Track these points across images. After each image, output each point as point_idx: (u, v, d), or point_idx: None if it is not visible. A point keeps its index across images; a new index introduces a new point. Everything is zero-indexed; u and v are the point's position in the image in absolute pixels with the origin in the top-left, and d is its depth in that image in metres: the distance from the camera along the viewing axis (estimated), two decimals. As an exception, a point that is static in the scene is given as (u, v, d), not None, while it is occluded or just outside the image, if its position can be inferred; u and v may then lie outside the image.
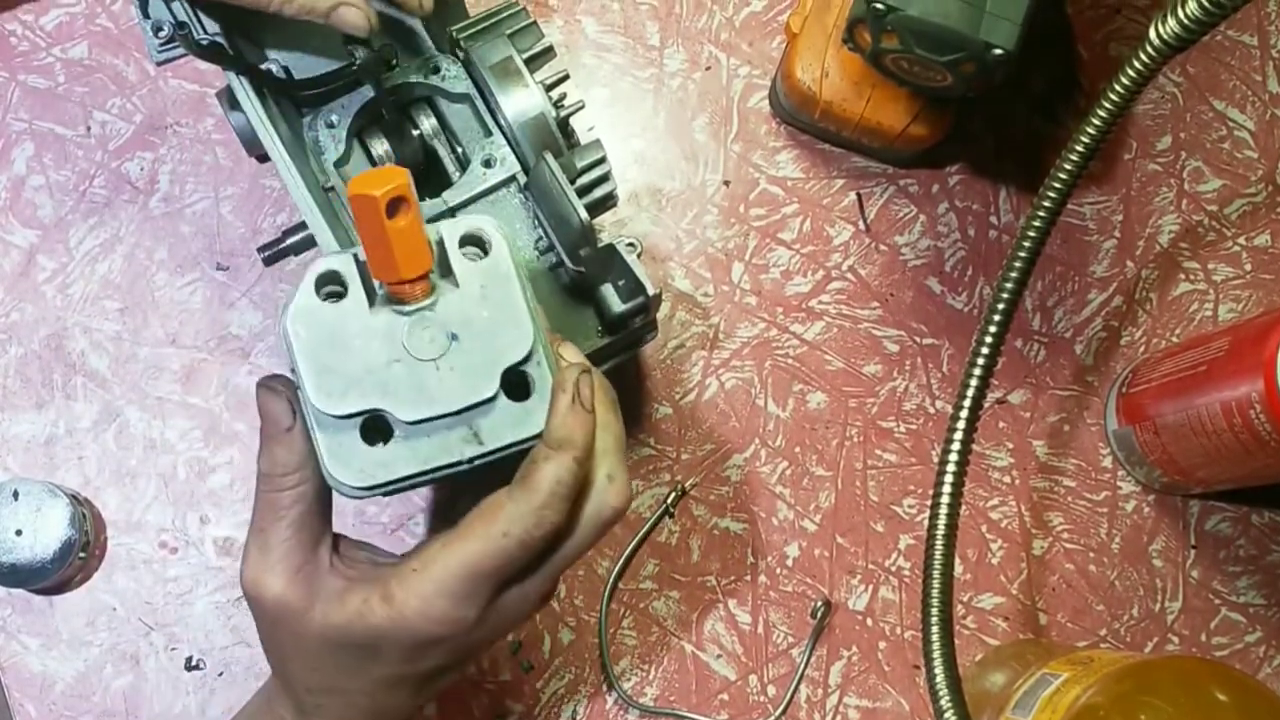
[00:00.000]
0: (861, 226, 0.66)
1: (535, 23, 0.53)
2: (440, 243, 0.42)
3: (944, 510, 0.51)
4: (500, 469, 0.43)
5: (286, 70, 0.52)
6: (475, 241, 0.43)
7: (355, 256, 0.42)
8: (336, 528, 0.46)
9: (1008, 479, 0.64)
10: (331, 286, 0.42)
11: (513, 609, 0.44)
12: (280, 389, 0.44)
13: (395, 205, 0.40)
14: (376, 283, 0.42)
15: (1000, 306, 0.50)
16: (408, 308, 0.42)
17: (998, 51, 0.52)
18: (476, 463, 0.42)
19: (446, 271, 0.42)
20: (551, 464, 0.41)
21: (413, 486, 0.43)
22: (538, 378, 0.42)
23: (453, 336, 0.41)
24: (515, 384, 0.42)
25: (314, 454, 0.42)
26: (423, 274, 0.41)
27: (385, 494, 0.43)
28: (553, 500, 0.41)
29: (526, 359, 0.42)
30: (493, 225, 0.43)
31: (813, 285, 0.65)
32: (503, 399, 0.42)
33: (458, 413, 0.41)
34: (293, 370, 0.42)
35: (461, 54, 0.53)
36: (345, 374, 0.41)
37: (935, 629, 0.50)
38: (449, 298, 0.42)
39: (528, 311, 0.42)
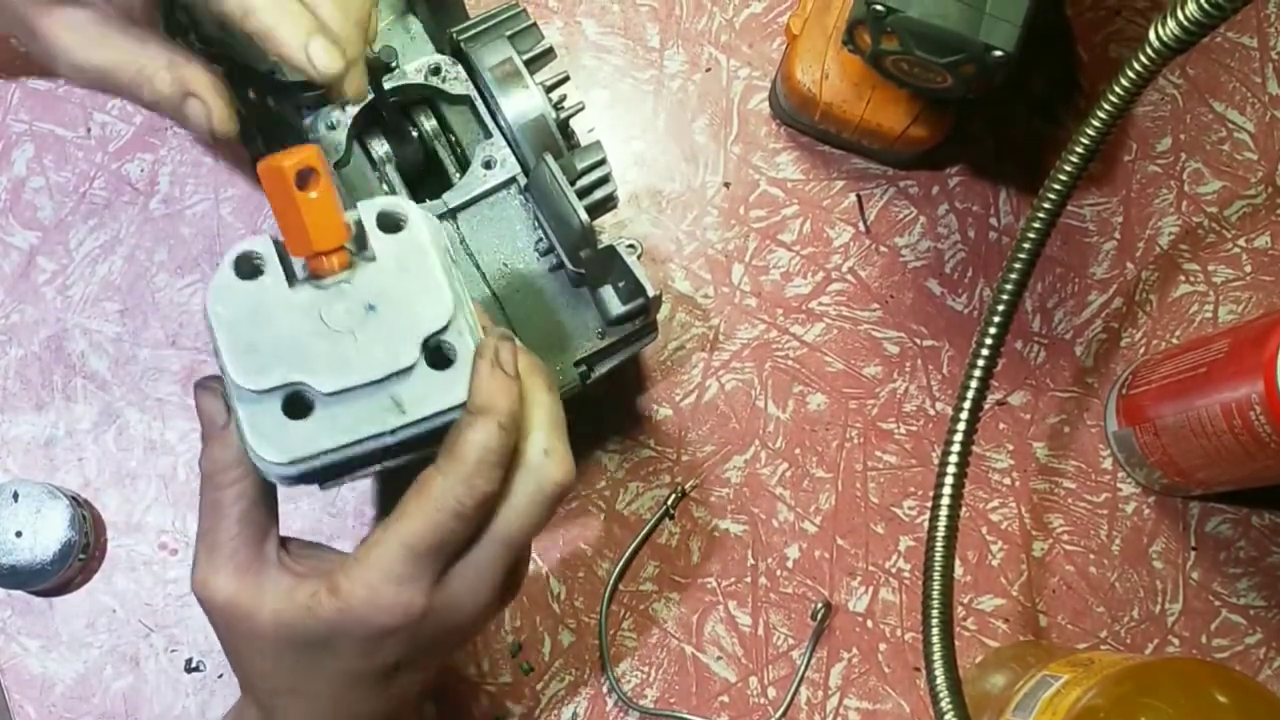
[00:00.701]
0: (861, 228, 0.66)
1: (535, 24, 0.53)
2: (359, 223, 0.43)
3: (944, 512, 0.51)
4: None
5: (286, 72, 0.52)
6: (392, 220, 0.43)
7: (273, 237, 0.43)
8: (301, 529, 0.46)
9: (1008, 480, 0.64)
10: (252, 265, 0.42)
11: (464, 591, 0.43)
12: (215, 387, 0.44)
13: (304, 177, 0.40)
14: (299, 264, 0.42)
15: (1000, 308, 0.50)
16: (325, 282, 0.42)
17: (998, 53, 0.52)
18: (401, 434, 0.42)
19: (365, 248, 0.43)
20: (474, 430, 0.41)
21: (344, 469, 0.43)
22: (460, 348, 0.42)
23: (370, 308, 0.42)
24: (438, 354, 0.42)
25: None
26: (337, 246, 0.41)
27: (319, 480, 0.43)
28: (480, 467, 0.41)
29: (446, 328, 0.42)
30: (408, 204, 0.43)
31: (813, 287, 0.65)
32: (424, 368, 0.42)
33: (377, 381, 0.41)
34: (216, 353, 0.42)
35: (462, 55, 0.53)
36: (264, 349, 0.41)
37: (935, 631, 0.50)
38: (366, 271, 0.42)
39: (446, 282, 0.42)
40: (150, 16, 0.46)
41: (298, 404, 0.41)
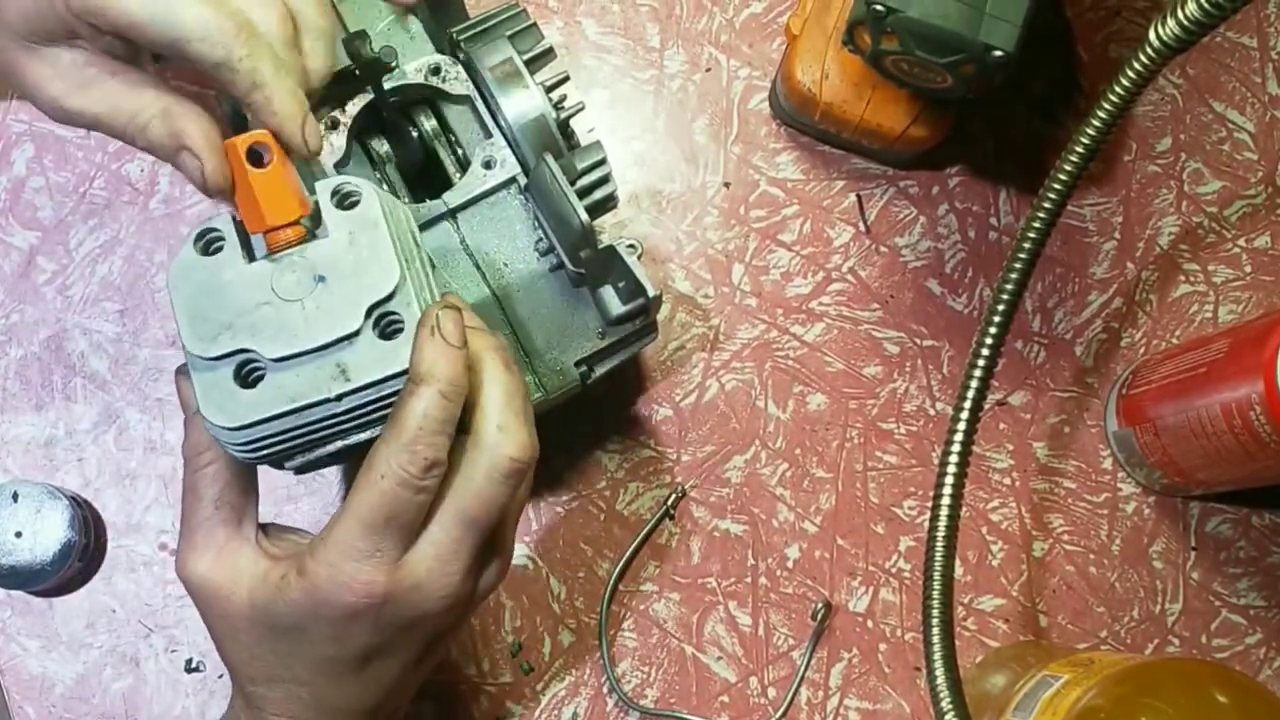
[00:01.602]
0: (862, 228, 0.66)
1: (535, 24, 0.53)
2: (315, 203, 0.44)
3: (944, 512, 0.51)
4: None
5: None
6: (347, 196, 0.44)
7: (233, 215, 0.44)
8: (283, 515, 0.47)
9: (1008, 481, 0.64)
10: (213, 242, 0.44)
11: (426, 570, 0.43)
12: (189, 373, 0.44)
13: (257, 154, 0.42)
14: (260, 243, 0.43)
15: (1000, 308, 0.50)
16: (279, 256, 0.43)
17: (998, 53, 0.52)
18: (346, 401, 0.42)
19: (321, 225, 0.44)
20: (414, 398, 0.41)
21: (299, 442, 0.43)
22: (409, 319, 0.43)
23: (320, 278, 0.43)
24: (388, 327, 0.43)
25: None
26: (290, 221, 0.43)
27: (278, 455, 0.44)
28: (421, 434, 0.41)
29: (392, 297, 0.42)
30: (364, 181, 0.44)
31: (813, 287, 0.65)
32: (371, 337, 0.42)
33: (322, 348, 0.42)
34: (176, 325, 0.43)
35: (462, 55, 0.53)
36: (217, 319, 0.42)
37: (936, 631, 0.50)
38: (318, 244, 0.43)
39: (395, 254, 0.43)
40: (135, 51, 0.45)
41: (248, 374, 0.43)
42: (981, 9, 0.52)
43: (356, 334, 0.42)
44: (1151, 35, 0.46)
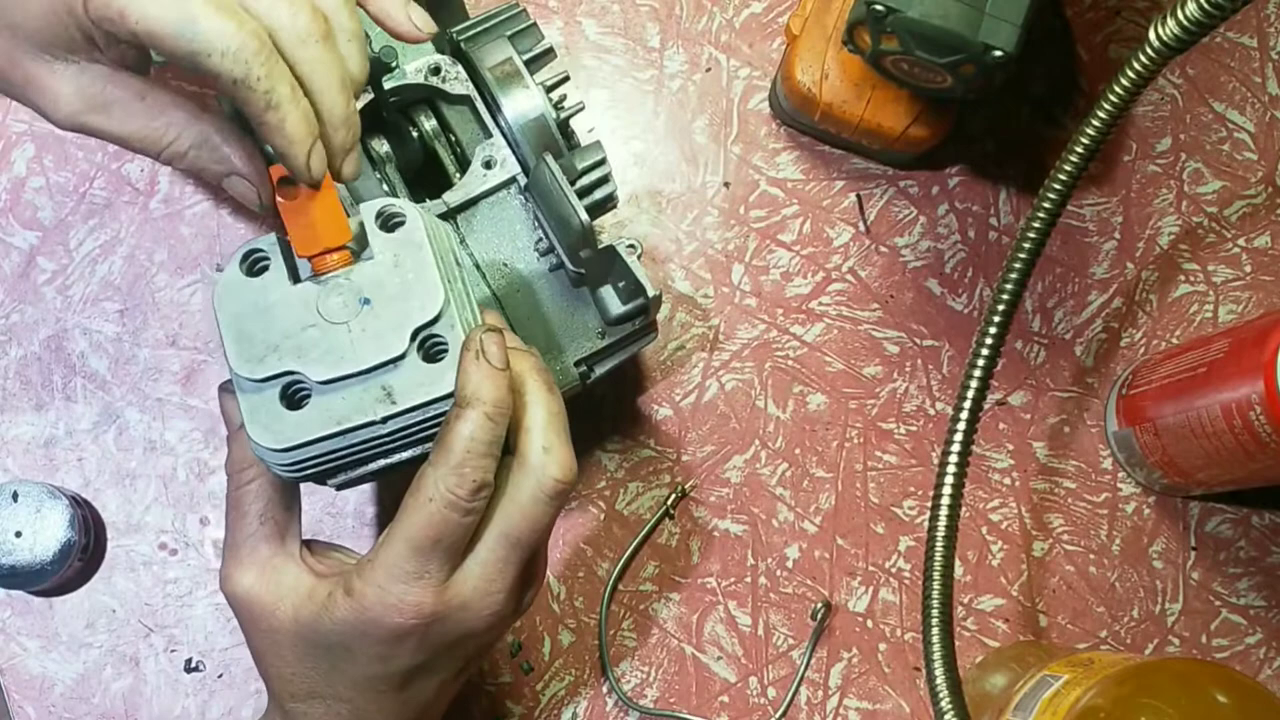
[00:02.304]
0: (861, 228, 0.66)
1: (535, 24, 0.53)
2: (360, 225, 0.44)
3: (944, 512, 0.51)
4: None
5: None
6: (391, 218, 0.44)
7: (279, 236, 0.44)
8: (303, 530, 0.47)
9: (1008, 480, 0.64)
10: (258, 262, 0.44)
11: (474, 591, 0.44)
12: (234, 390, 0.44)
13: (288, 181, 0.42)
14: (305, 265, 0.44)
15: (1000, 308, 0.50)
16: (325, 278, 0.43)
17: (997, 53, 0.52)
18: (391, 423, 0.43)
19: (365, 249, 0.44)
20: (461, 421, 0.42)
21: (343, 463, 0.44)
22: (453, 342, 0.43)
23: (365, 301, 0.43)
24: (432, 349, 0.43)
25: None
26: (335, 247, 0.43)
27: (321, 474, 0.44)
28: (469, 457, 0.42)
29: (437, 320, 0.43)
30: (408, 204, 0.45)
31: (813, 287, 0.65)
32: (416, 360, 0.43)
33: (368, 371, 0.42)
34: (222, 346, 0.43)
35: (462, 55, 0.53)
36: (264, 340, 0.43)
37: (935, 631, 0.50)
38: (363, 267, 0.43)
39: (439, 276, 0.43)
40: (146, 59, 0.43)
41: (295, 394, 0.43)
42: (981, 9, 0.52)
43: (402, 357, 0.42)
44: (1151, 35, 0.46)
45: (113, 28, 0.39)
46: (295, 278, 0.43)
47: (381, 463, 0.44)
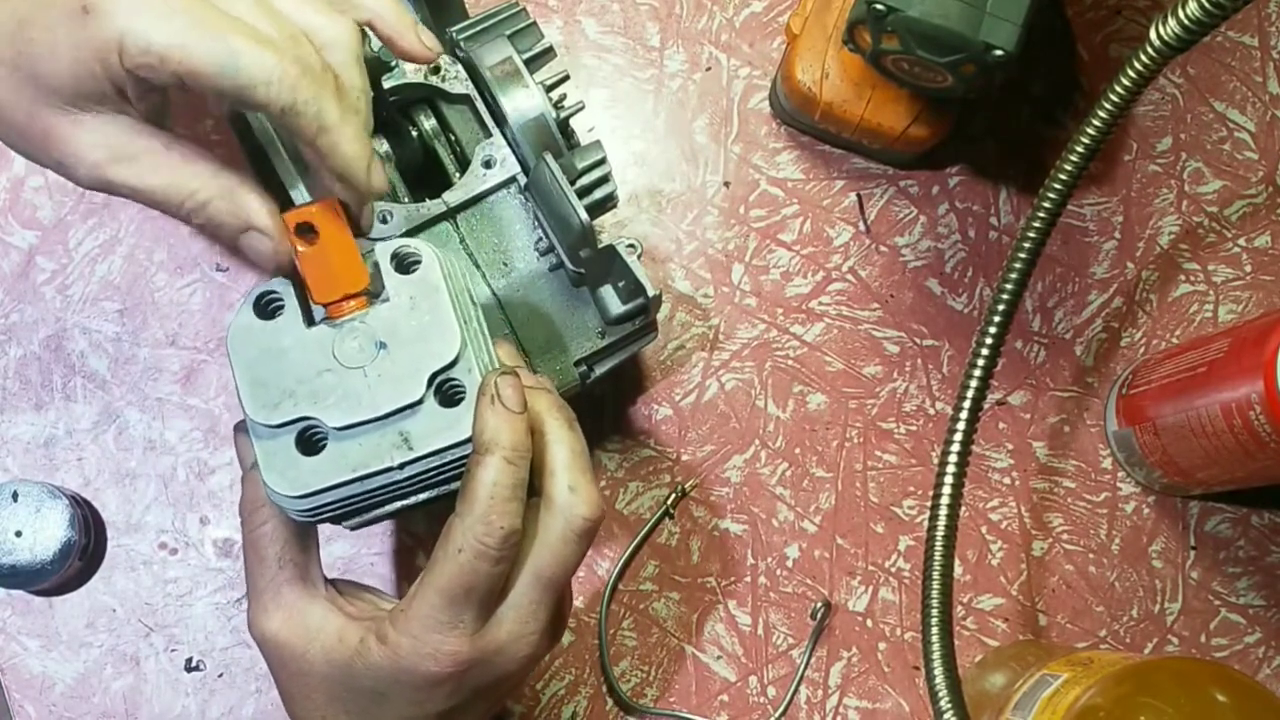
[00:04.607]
0: (862, 228, 0.66)
1: (535, 23, 0.53)
2: (375, 265, 0.43)
3: (944, 511, 0.51)
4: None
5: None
6: (407, 260, 0.44)
7: (291, 278, 0.43)
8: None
9: (1007, 480, 0.64)
10: (272, 304, 0.43)
11: (508, 635, 0.44)
12: (247, 429, 0.44)
13: (304, 229, 0.41)
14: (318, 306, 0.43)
15: (1000, 308, 0.50)
16: (340, 321, 0.43)
17: (998, 53, 0.52)
18: (409, 469, 0.42)
19: (380, 290, 0.44)
20: (482, 468, 0.42)
21: (360, 506, 0.43)
22: (469, 386, 0.43)
23: (381, 345, 0.42)
24: (449, 394, 0.43)
25: None
26: (351, 293, 0.42)
27: (337, 517, 0.44)
28: (494, 504, 0.41)
29: (454, 364, 0.42)
30: (428, 247, 0.44)
31: (813, 286, 0.65)
32: (433, 405, 0.42)
33: (385, 416, 0.42)
34: (236, 390, 0.43)
35: (461, 54, 0.53)
36: (279, 385, 0.42)
37: (935, 630, 0.50)
38: (379, 309, 0.43)
39: (456, 320, 0.43)
40: (165, 113, 0.42)
41: (310, 440, 0.42)
42: (982, 8, 0.52)
43: (419, 403, 0.42)
44: (1152, 35, 0.46)
45: (152, 74, 0.38)
46: (310, 319, 0.43)
47: (398, 505, 0.44)
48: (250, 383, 0.42)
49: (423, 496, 0.44)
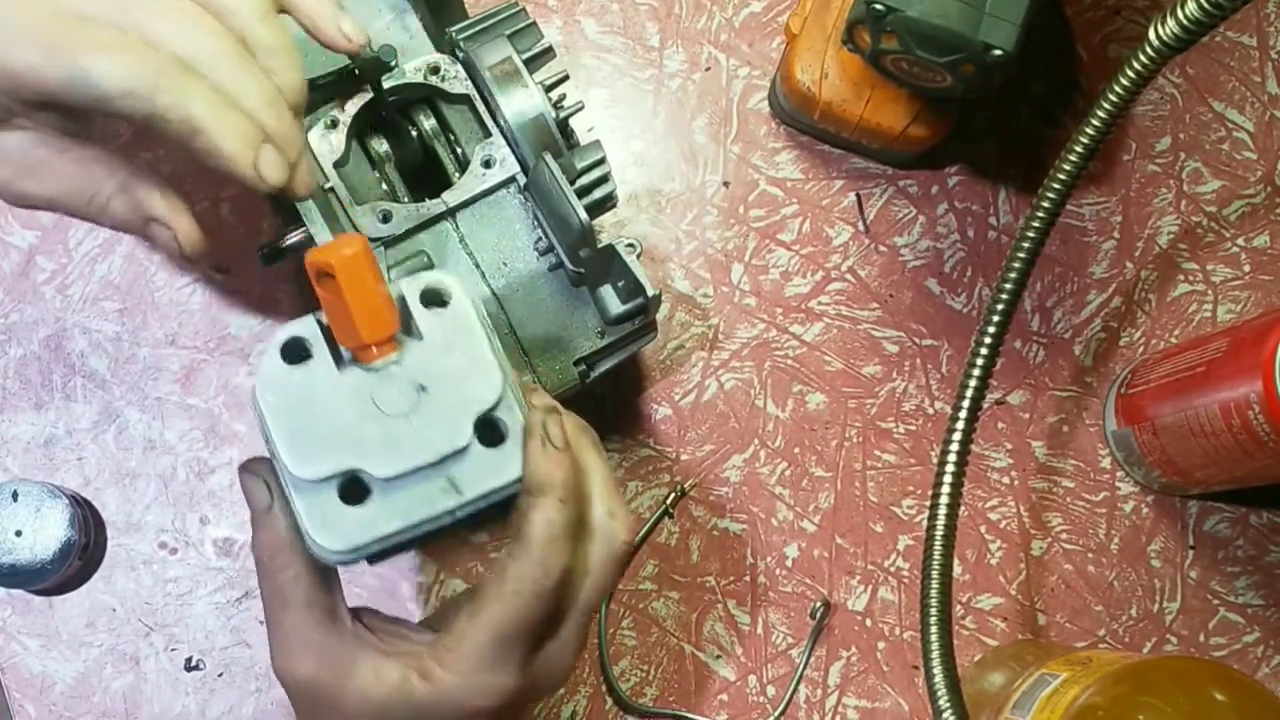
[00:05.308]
0: (861, 227, 0.66)
1: (535, 23, 0.53)
2: (401, 299, 0.42)
3: (943, 511, 0.51)
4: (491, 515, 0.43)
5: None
6: (435, 296, 0.43)
7: (318, 320, 0.42)
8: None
9: (1006, 480, 0.64)
10: (298, 350, 0.42)
11: (553, 662, 0.44)
12: (257, 470, 0.43)
13: (322, 277, 0.40)
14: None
15: (999, 307, 0.50)
16: (375, 365, 0.41)
17: (997, 52, 0.52)
18: (458, 514, 0.42)
19: (410, 327, 0.42)
20: (537, 510, 0.41)
21: (399, 548, 0.43)
22: (510, 422, 0.42)
23: (421, 389, 0.41)
24: (489, 430, 0.42)
25: (298, 532, 0.42)
26: (385, 338, 0.41)
27: (371, 558, 0.43)
28: (550, 545, 0.41)
29: (496, 404, 0.42)
30: (453, 279, 0.43)
31: (812, 286, 0.65)
32: (477, 446, 0.42)
33: (433, 464, 0.41)
34: (266, 440, 0.41)
35: (461, 54, 0.53)
36: (317, 436, 0.41)
37: (934, 629, 0.50)
38: (414, 351, 0.42)
39: (494, 357, 0.42)
40: (88, 124, 0.42)
41: (354, 489, 0.41)
42: (981, 8, 0.52)
43: (466, 447, 0.41)
44: (1151, 35, 0.46)
45: (16, 96, 0.38)
46: (339, 360, 0.41)
47: (430, 538, 0.43)
48: (288, 436, 0.40)
49: (455, 525, 0.43)
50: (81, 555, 0.61)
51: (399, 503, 0.41)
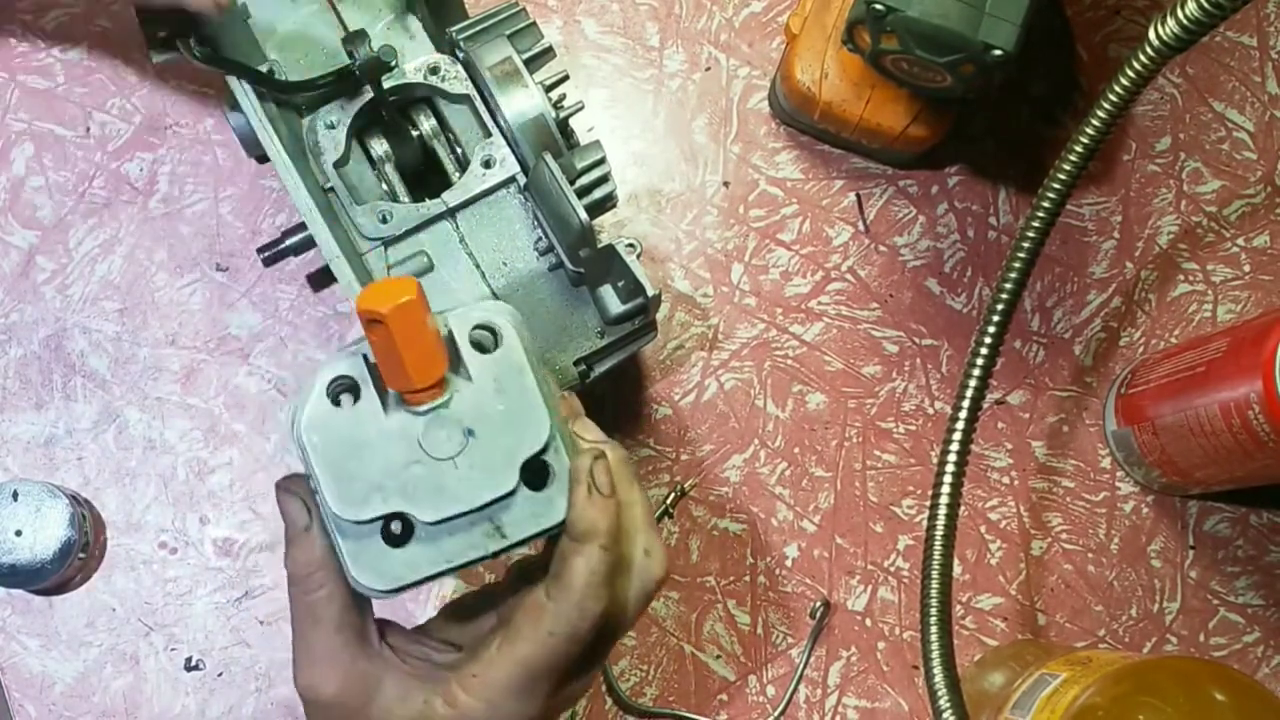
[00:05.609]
0: (861, 227, 0.66)
1: (535, 23, 0.53)
2: (450, 337, 0.42)
3: (943, 511, 0.51)
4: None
5: (285, 71, 0.52)
6: (487, 336, 0.42)
7: (365, 357, 0.41)
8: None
9: (1006, 480, 0.64)
10: (341, 387, 0.41)
11: (578, 689, 0.45)
12: (295, 490, 0.43)
13: (372, 323, 0.39)
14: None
15: (999, 307, 0.50)
16: (422, 408, 0.41)
17: (997, 52, 0.52)
18: (499, 555, 0.42)
19: (459, 366, 0.42)
20: (580, 557, 0.41)
21: (437, 578, 0.43)
22: (556, 465, 0.42)
23: (469, 433, 0.41)
24: (534, 473, 0.42)
25: (334, 551, 0.42)
26: (434, 382, 0.40)
27: (410, 589, 0.43)
28: (589, 590, 0.41)
29: (545, 449, 0.41)
30: (504, 315, 0.42)
31: (812, 286, 0.65)
32: (523, 490, 0.41)
33: (479, 509, 0.41)
34: (309, 476, 0.41)
35: (461, 54, 0.53)
36: (364, 479, 0.40)
37: (934, 629, 0.50)
38: (463, 394, 0.41)
39: (543, 401, 0.42)
40: None
41: (397, 530, 0.41)
42: (981, 8, 0.52)
43: (512, 492, 0.41)
44: (1151, 35, 0.46)
45: None
46: (384, 400, 0.41)
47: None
48: (332, 476, 0.40)
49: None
50: (81, 555, 0.61)
51: (442, 545, 0.41)
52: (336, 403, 0.41)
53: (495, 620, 0.45)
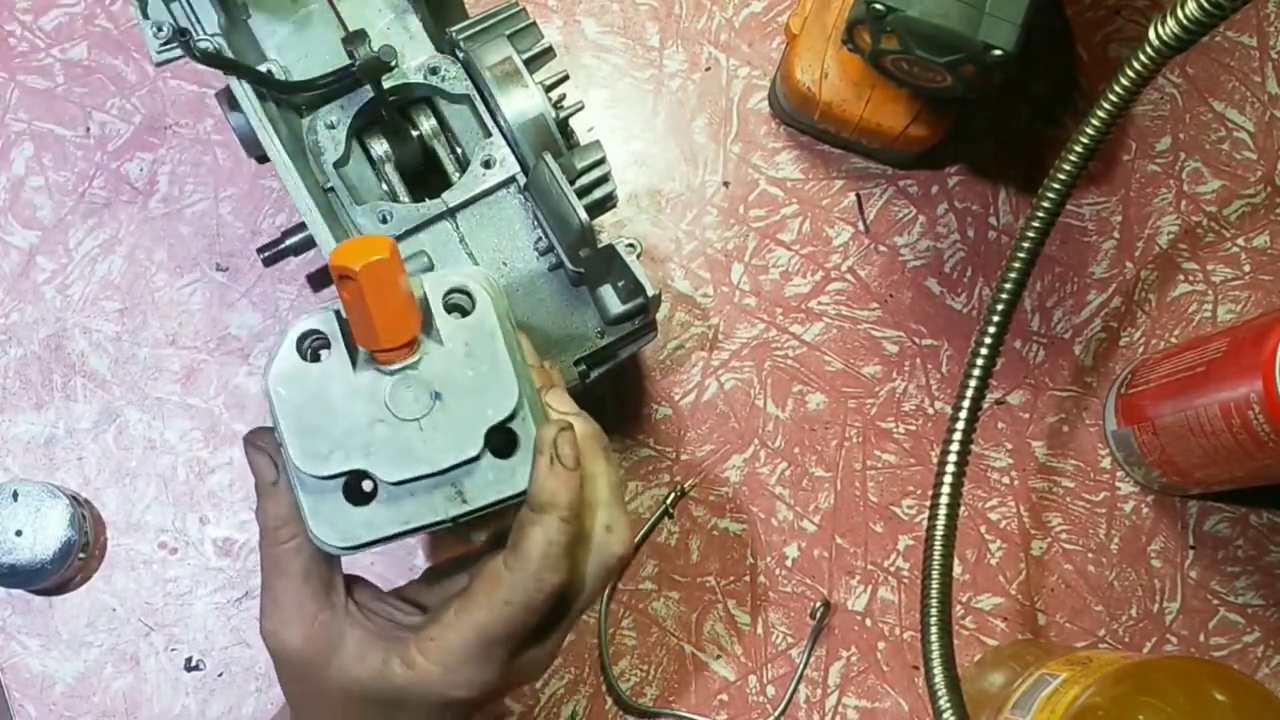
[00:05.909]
0: (861, 227, 0.66)
1: (535, 23, 0.53)
2: (424, 299, 0.42)
3: (943, 511, 0.51)
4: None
5: (285, 71, 0.52)
6: (459, 297, 0.42)
7: (337, 314, 0.41)
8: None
9: (1006, 480, 0.64)
10: (314, 343, 0.41)
11: (535, 662, 0.45)
12: (263, 444, 0.43)
13: (344, 278, 0.39)
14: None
15: (999, 307, 0.50)
16: (391, 367, 0.41)
17: (997, 52, 0.52)
18: (461, 520, 0.42)
19: (431, 328, 0.42)
20: (538, 528, 0.41)
21: (396, 539, 0.43)
22: (523, 434, 0.42)
23: (436, 395, 0.41)
24: (500, 440, 0.42)
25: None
26: (404, 343, 0.40)
27: (370, 548, 0.43)
28: (546, 562, 0.41)
29: (511, 417, 0.41)
30: (478, 279, 0.42)
31: (812, 286, 0.65)
32: (487, 456, 0.41)
33: (441, 472, 0.41)
34: (275, 429, 0.41)
35: (461, 54, 0.53)
36: (328, 435, 0.41)
37: (934, 629, 0.50)
38: (433, 356, 0.41)
39: (512, 369, 0.42)
40: None
41: (359, 488, 0.41)
42: (981, 8, 0.52)
43: (476, 457, 0.41)
44: (1151, 35, 0.46)
45: None
46: (354, 357, 0.41)
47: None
48: (297, 432, 0.40)
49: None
50: (81, 555, 0.61)
51: (403, 506, 0.41)
52: (308, 357, 0.41)
53: (466, 584, 0.45)
